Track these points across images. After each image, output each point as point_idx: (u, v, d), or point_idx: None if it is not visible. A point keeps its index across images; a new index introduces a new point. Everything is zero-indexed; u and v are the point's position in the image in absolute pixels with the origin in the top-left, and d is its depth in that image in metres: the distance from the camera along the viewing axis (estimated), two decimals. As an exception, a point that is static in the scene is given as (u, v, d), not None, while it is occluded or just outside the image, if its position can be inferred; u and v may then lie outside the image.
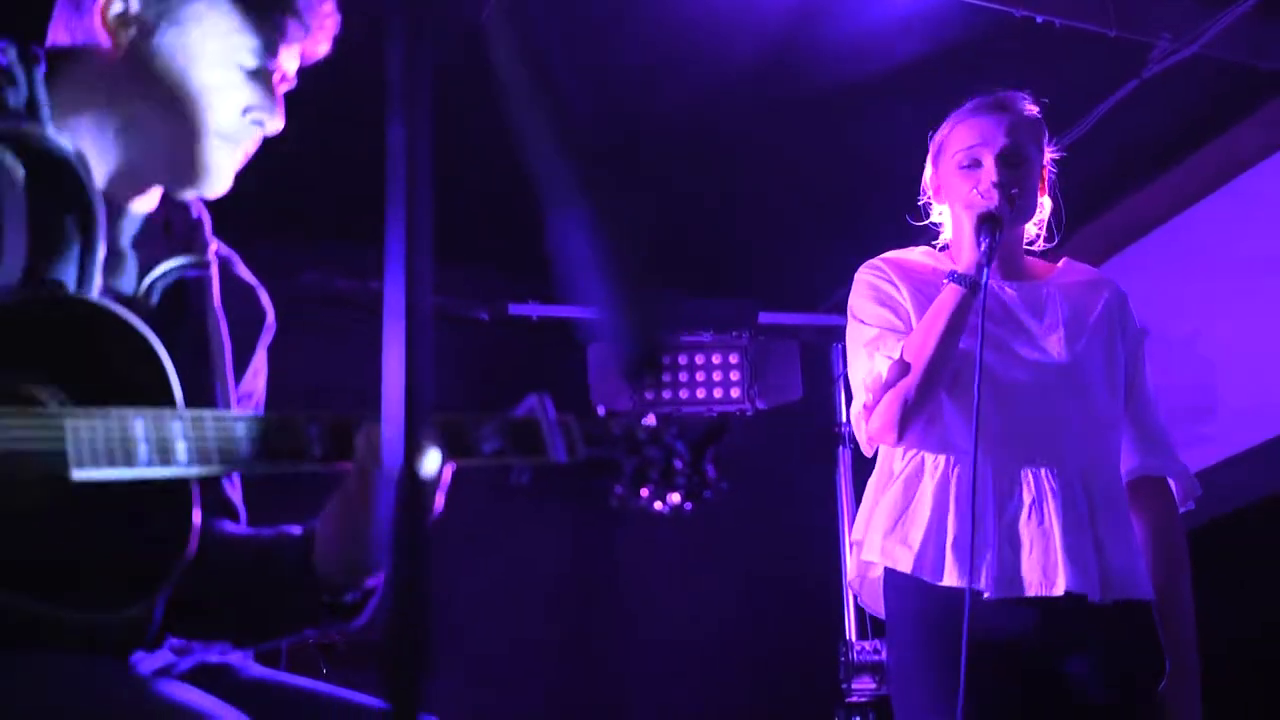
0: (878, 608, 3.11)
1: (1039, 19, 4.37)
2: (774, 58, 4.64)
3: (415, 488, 0.83)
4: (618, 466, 1.91)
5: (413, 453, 0.83)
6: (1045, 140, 3.12)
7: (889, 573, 2.94)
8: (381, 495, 0.85)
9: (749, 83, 4.77)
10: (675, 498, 1.95)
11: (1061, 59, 4.61)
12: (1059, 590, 2.78)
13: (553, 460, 1.83)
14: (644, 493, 1.93)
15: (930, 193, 3.16)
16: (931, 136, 3.15)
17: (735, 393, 5.91)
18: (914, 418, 2.91)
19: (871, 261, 3.11)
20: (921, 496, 2.90)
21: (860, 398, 2.99)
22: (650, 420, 1.97)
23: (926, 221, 3.20)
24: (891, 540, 2.89)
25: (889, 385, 2.90)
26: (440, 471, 1.68)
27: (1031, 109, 3.10)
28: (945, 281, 2.92)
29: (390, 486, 0.83)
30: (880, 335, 2.97)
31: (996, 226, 2.90)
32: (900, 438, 2.93)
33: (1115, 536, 2.88)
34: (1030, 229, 3.15)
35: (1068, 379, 2.95)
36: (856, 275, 3.10)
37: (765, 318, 6.08)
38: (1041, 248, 3.20)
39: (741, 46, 4.60)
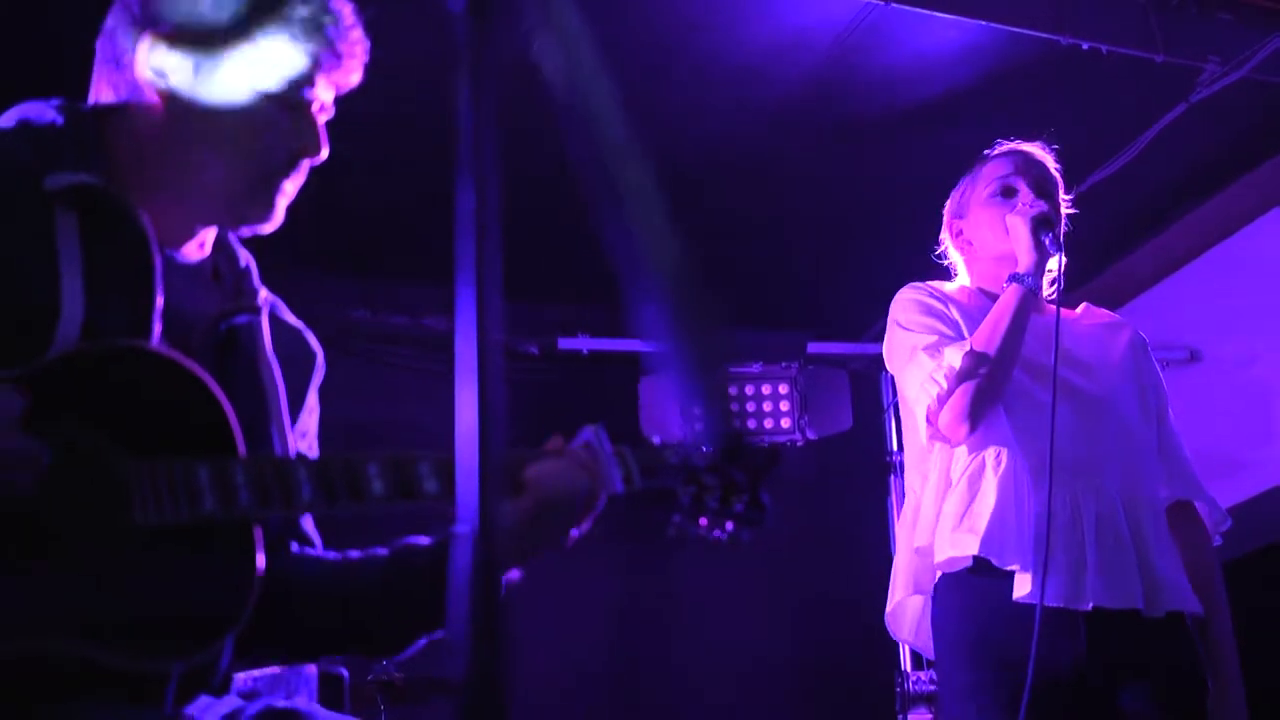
0: (905, 634, 3.16)
1: (1085, 46, 4.37)
2: (822, 87, 4.65)
3: (490, 536, 0.83)
4: (674, 496, 1.91)
5: (487, 501, 0.83)
6: (1063, 196, 3.22)
7: (943, 582, 2.96)
8: (458, 550, 0.86)
9: (797, 112, 4.78)
10: (733, 525, 1.95)
11: (1109, 84, 4.60)
12: (1087, 605, 2.80)
13: (610, 491, 1.84)
14: (702, 521, 1.94)
15: (949, 238, 3.27)
16: (958, 191, 3.26)
17: (785, 423, 5.90)
18: (985, 409, 2.94)
19: (915, 284, 3.18)
20: (986, 489, 2.91)
21: (930, 391, 2.98)
22: (707, 447, 1.97)
23: (947, 262, 3.30)
24: (960, 532, 2.90)
25: (963, 375, 2.93)
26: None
27: (1056, 164, 3.21)
28: (1006, 284, 3.00)
29: (466, 541, 0.83)
30: (939, 340, 3.02)
31: (1053, 225, 3.02)
32: (973, 428, 2.95)
33: (1161, 552, 2.91)
34: (1044, 286, 3.21)
35: (1103, 407, 3.01)
36: (900, 295, 3.17)
37: (814, 347, 6.07)
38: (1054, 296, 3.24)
39: (790, 77, 4.61)
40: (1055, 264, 3.15)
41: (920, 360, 3.02)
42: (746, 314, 6.03)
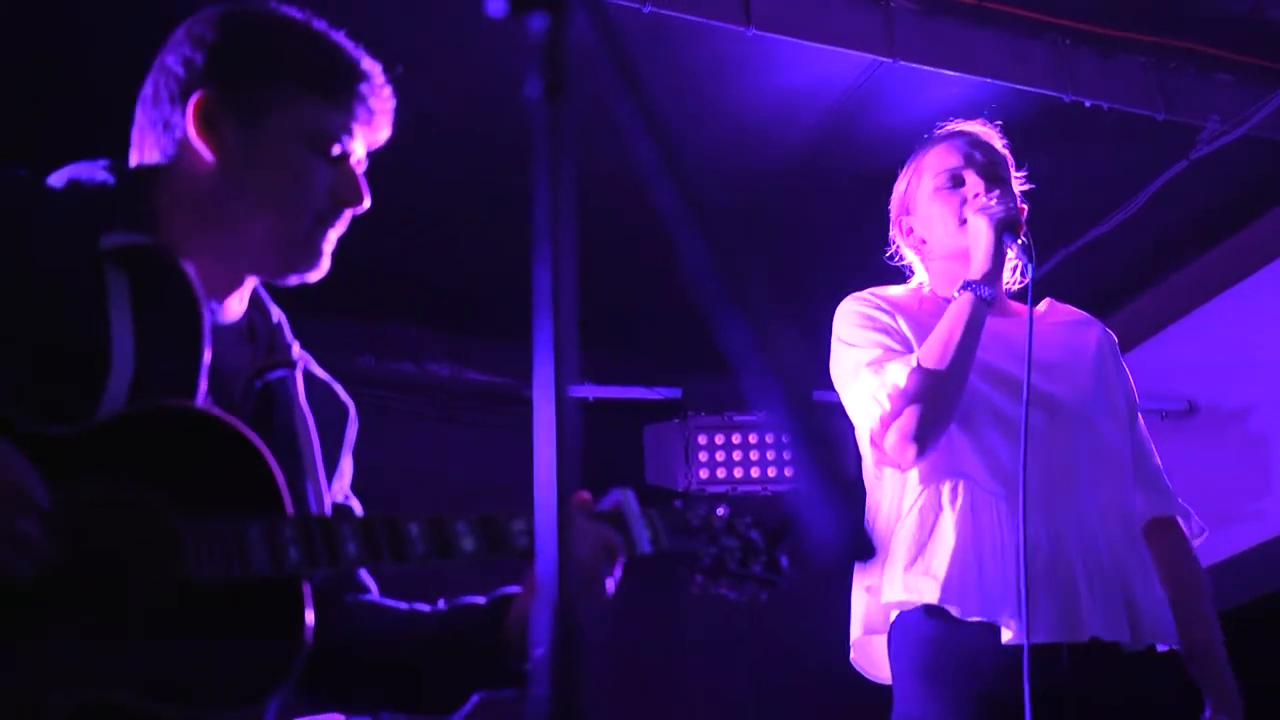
0: (872, 668, 2.91)
1: (1087, 103, 4.45)
2: (827, 143, 4.72)
3: (569, 594, 0.87)
4: (698, 557, 1.97)
5: (565, 559, 0.88)
6: (1014, 174, 3.02)
7: (901, 619, 2.73)
8: (538, 611, 0.90)
9: (803, 166, 4.84)
10: (750, 587, 2.01)
11: (1110, 141, 4.68)
12: (1084, 636, 2.61)
13: (639, 553, 1.90)
14: (723, 582, 1.99)
15: (899, 236, 3.06)
16: (901, 183, 3.07)
17: (789, 471, 5.94)
18: (935, 431, 2.69)
19: (858, 294, 2.96)
20: (942, 527, 2.68)
21: (873, 412, 2.75)
22: (724, 510, 2.03)
23: (901, 262, 3.10)
24: (913, 574, 2.67)
25: (909, 395, 2.68)
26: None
27: (1002, 140, 3.04)
28: (958, 292, 2.77)
29: (546, 602, 0.87)
30: (883, 355, 2.78)
31: (1018, 228, 2.78)
32: (922, 452, 2.69)
33: (1140, 577, 2.70)
34: (1005, 272, 2.95)
35: (1074, 416, 2.79)
36: (843, 307, 2.95)
37: (820, 396, 6.11)
38: (1019, 286, 2.99)
39: (795, 132, 4.68)
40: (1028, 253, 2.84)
41: (863, 378, 2.78)
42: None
